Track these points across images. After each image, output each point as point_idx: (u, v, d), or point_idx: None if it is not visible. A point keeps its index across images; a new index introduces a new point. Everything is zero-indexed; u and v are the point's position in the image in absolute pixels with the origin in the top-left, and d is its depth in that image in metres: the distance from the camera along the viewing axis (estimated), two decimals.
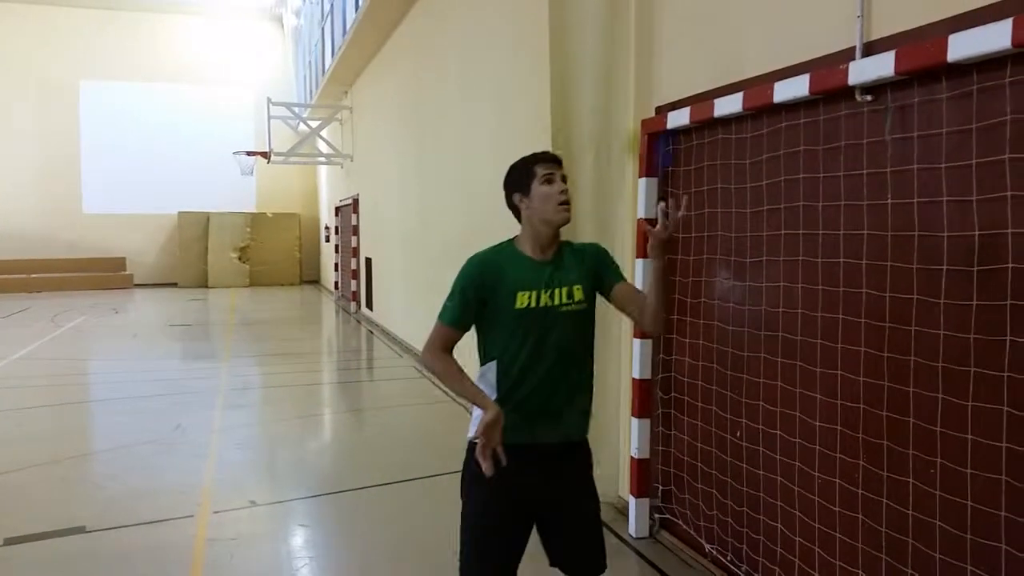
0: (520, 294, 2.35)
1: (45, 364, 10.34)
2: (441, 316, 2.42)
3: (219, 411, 7.60)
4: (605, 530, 4.40)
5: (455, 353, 2.42)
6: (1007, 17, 2.20)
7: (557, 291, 2.38)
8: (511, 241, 2.49)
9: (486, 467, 2.21)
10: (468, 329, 2.44)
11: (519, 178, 2.46)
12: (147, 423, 7.07)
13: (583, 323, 2.45)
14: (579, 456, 2.52)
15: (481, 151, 7.48)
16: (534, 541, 2.51)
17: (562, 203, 2.40)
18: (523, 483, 2.38)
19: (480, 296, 2.38)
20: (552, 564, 2.53)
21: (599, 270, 2.50)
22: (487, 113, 7.45)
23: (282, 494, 5.32)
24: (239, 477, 5.66)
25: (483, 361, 2.43)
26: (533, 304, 2.35)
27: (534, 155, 2.47)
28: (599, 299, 2.53)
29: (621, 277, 2.53)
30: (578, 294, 2.41)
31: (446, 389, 2.47)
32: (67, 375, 9.83)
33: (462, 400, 2.39)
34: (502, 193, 2.52)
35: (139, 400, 8.09)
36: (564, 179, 2.44)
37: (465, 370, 2.38)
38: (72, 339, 12.84)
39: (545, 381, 2.37)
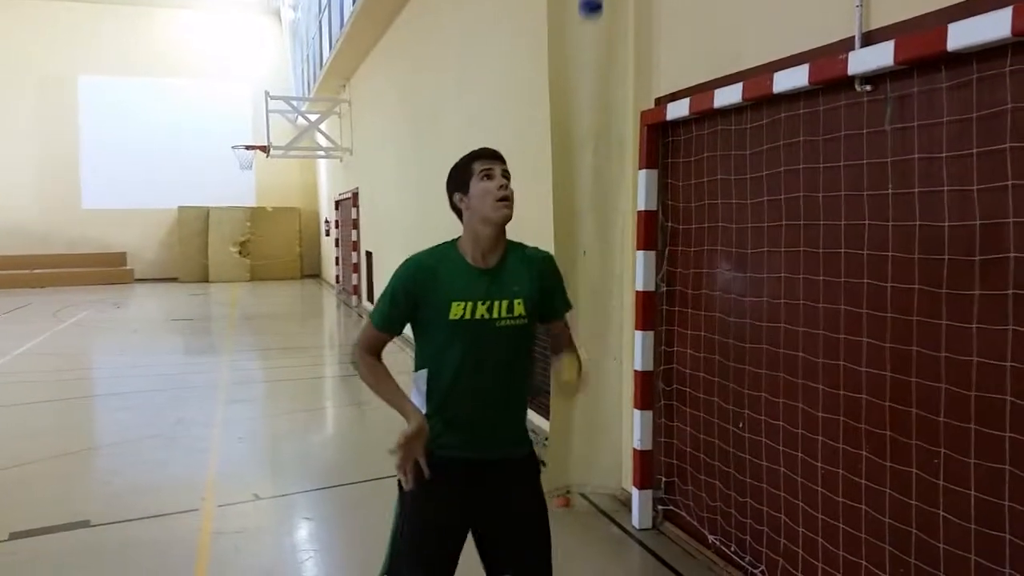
0: (455, 304, 2.21)
1: (47, 359, 10.35)
2: (371, 316, 2.34)
3: (221, 405, 7.62)
4: (608, 521, 4.47)
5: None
6: (1007, 5, 2.19)
7: (496, 304, 2.24)
8: (453, 243, 2.34)
9: (406, 482, 2.14)
10: (398, 333, 2.34)
11: (458, 176, 2.33)
12: (149, 418, 7.09)
13: (522, 338, 2.30)
14: (522, 470, 2.38)
15: (481, 142, 7.43)
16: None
17: (501, 199, 2.24)
18: (459, 498, 2.27)
19: (411, 301, 2.26)
20: None
21: (548, 294, 2.37)
22: (485, 105, 7.43)
23: (285, 487, 5.33)
24: (242, 471, 5.68)
25: (416, 367, 2.32)
26: (468, 316, 2.21)
27: (472, 152, 2.34)
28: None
29: (567, 309, 2.46)
30: (519, 308, 2.26)
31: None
32: (69, 370, 9.85)
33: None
34: None
35: (141, 395, 8.10)
36: (506, 175, 2.29)
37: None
38: (74, 334, 12.86)
39: (479, 396, 2.25)
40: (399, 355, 2.36)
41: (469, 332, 2.22)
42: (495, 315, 2.23)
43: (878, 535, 2.87)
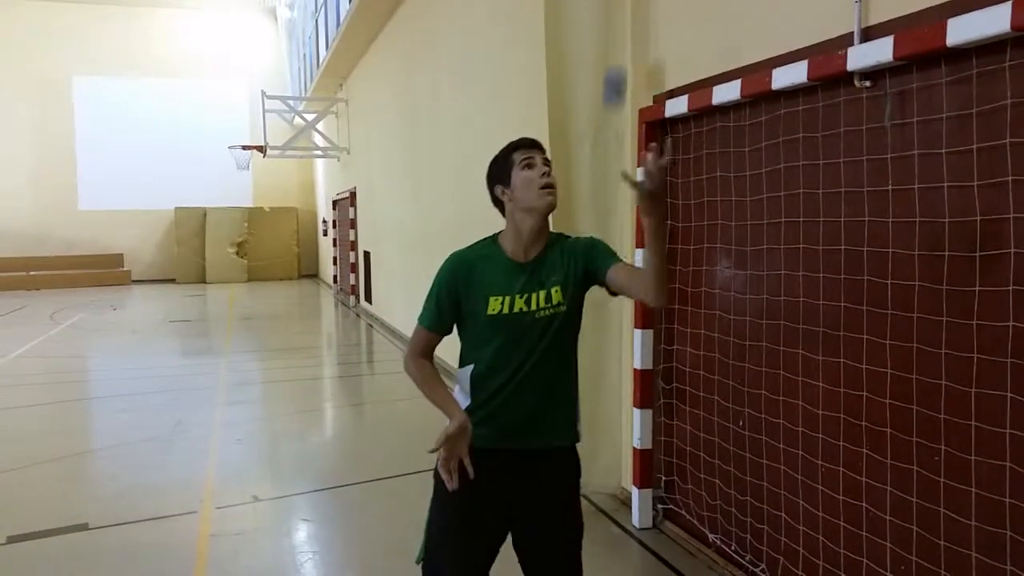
0: (492, 299, 2.21)
1: (44, 362, 10.33)
2: (419, 319, 2.33)
3: (219, 407, 7.60)
4: (608, 520, 4.46)
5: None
6: (1006, 0, 2.18)
7: (534, 295, 2.22)
8: (494, 237, 2.33)
9: (449, 482, 2.11)
10: (447, 331, 2.33)
11: (499, 170, 2.31)
12: (148, 420, 7.07)
13: (563, 326, 2.26)
14: (565, 464, 2.36)
15: (477, 141, 7.45)
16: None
17: (544, 187, 2.23)
18: (498, 487, 2.25)
19: (453, 299, 2.26)
20: None
21: (588, 262, 2.28)
22: (483, 102, 7.41)
23: (284, 489, 5.31)
24: (241, 472, 5.66)
25: (460, 364, 2.33)
26: (506, 310, 2.20)
27: (511, 143, 2.32)
28: (595, 298, 2.38)
29: (613, 260, 2.27)
30: (556, 296, 2.23)
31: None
32: (66, 372, 9.82)
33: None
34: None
35: (139, 397, 8.08)
36: (547, 162, 2.29)
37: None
38: (71, 336, 12.83)
39: (521, 389, 2.23)
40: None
41: (508, 326, 2.21)
42: (534, 306, 2.21)
43: (879, 533, 2.86)
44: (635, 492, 4.36)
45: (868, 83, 2.81)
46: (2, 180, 22.27)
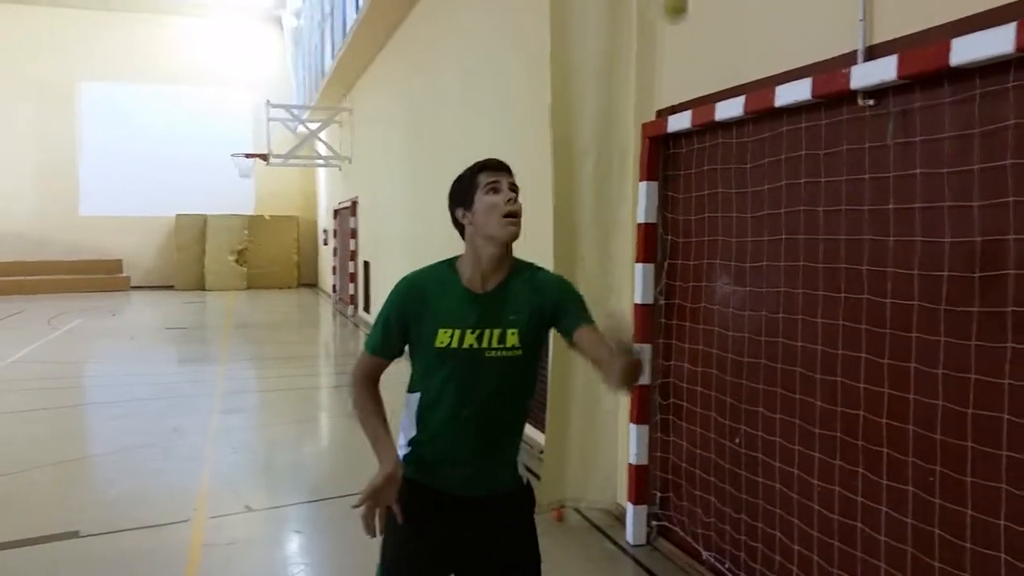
0: (441, 331, 2.05)
1: (41, 367, 10.29)
2: (365, 343, 2.19)
3: (215, 415, 7.57)
4: (602, 536, 4.42)
5: None
6: (1010, 21, 2.19)
7: (487, 333, 2.05)
8: (452, 262, 2.16)
9: (367, 531, 1.99)
10: (395, 357, 2.18)
11: (462, 190, 2.14)
12: (143, 426, 7.04)
13: (516, 371, 2.10)
14: (512, 508, 2.20)
15: (480, 154, 7.43)
16: None
17: (508, 215, 2.04)
18: (442, 533, 2.12)
19: (403, 325, 2.11)
20: None
21: (555, 315, 2.12)
22: (487, 116, 7.43)
23: (278, 499, 5.28)
24: (235, 481, 5.63)
25: (408, 389, 2.18)
26: (455, 344, 2.04)
27: (477, 163, 2.15)
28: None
29: (582, 321, 2.10)
30: (511, 338, 2.06)
31: None
32: (63, 378, 9.79)
33: None
34: None
35: (135, 403, 8.05)
36: (514, 188, 2.09)
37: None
38: (68, 342, 12.80)
39: (465, 429, 2.08)
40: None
41: (456, 362, 2.06)
42: (484, 345, 2.05)
43: (873, 553, 2.83)
44: (630, 508, 4.33)
45: (871, 102, 2.81)
46: (5, 184, 22.29)
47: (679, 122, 3.86)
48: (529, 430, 6.11)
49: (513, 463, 2.20)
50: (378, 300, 14.01)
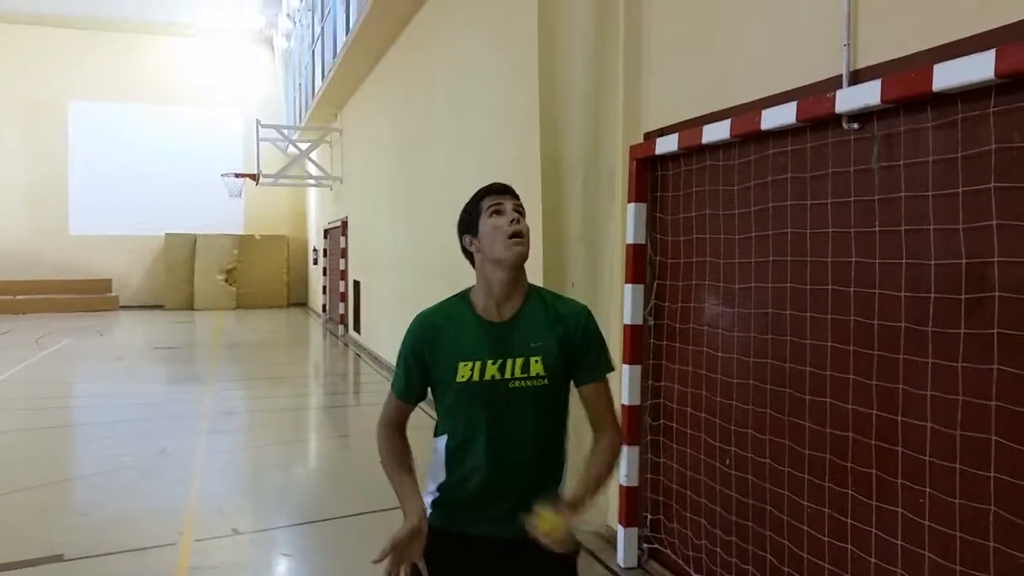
0: (462, 365, 1.96)
1: (27, 387, 10.21)
2: (392, 385, 2.13)
3: (203, 436, 7.51)
4: (593, 560, 4.40)
5: None
6: (990, 48, 2.22)
7: (509, 362, 1.97)
8: (465, 294, 2.09)
9: None
10: (420, 399, 2.11)
11: (468, 218, 2.08)
12: (130, 448, 6.98)
13: (546, 401, 2.00)
14: (551, 552, 1.94)
15: (471, 175, 7.49)
16: None
17: (513, 236, 1.98)
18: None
19: (421, 364, 2.04)
20: None
21: (577, 355, 2.03)
22: (477, 137, 7.47)
23: (265, 522, 5.24)
24: (222, 504, 5.57)
25: (435, 432, 2.10)
26: (476, 378, 1.96)
27: (481, 188, 2.10)
28: None
29: (596, 376, 2.04)
30: (536, 367, 1.96)
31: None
32: (50, 398, 9.70)
33: None
34: None
35: (122, 424, 7.98)
36: (518, 209, 2.03)
37: None
38: (56, 362, 12.70)
39: (496, 468, 1.97)
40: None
41: (480, 396, 1.97)
42: (508, 375, 1.96)
43: (864, 575, 2.83)
44: (620, 530, 4.31)
45: (856, 125, 2.84)
46: None
47: (666, 144, 3.89)
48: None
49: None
50: (369, 319, 13.98)
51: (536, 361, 1.98)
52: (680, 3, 4.01)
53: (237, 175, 18.97)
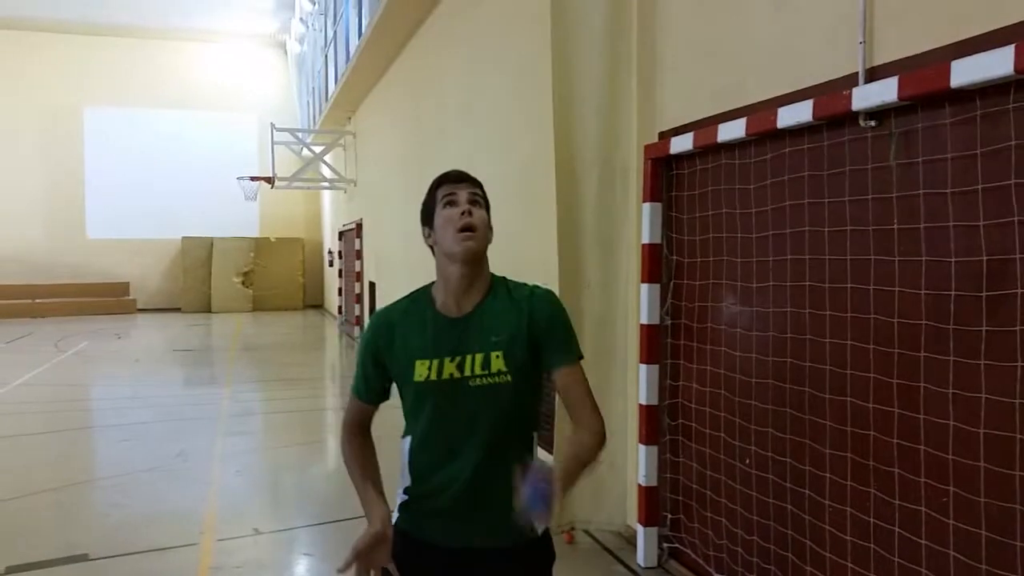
0: (419, 363, 1.86)
1: (48, 390, 10.32)
2: (352, 386, 2.03)
3: (221, 437, 7.57)
4: (613, 559, 4.40)
5: None
6: (1009, 44, 2.21)
7: (468, 359, 1.85)
8: (427, 289, 1.99)
9: None
10: (381, 399, 2.01)
11: (425, 209, 1.99)
12: (150, 449, 7.05)
13: (510, 400, 1.86)
14: (524, 563, 1.93)
15: (483, 176, 7.48)
16: None
17: (463, 228, 1.86)
18: None
19: (378, 363, 1.94)
20: None
21: (543, 343, 1.88)
22: (490, 137, 7.48)
23: (286, 522, 5.27)
24: (242, 504, 5.62)
25: (402, 434, 2.00)
26: (434, 376, 1.85)
27: (438, 176, 2.01)
28: None
29: (567, 360, 1.89)
30: (497, 363, 1.84)
31: None
32: (70, 401, 9.81)
33: None
34: (505, 218, 2.26)
35: (141, 426, 8.06)
36: (475, 199, 1.92)
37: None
38: (75, 364, 12.83)
39: (458, 471, 1.86)
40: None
41: (439, 395, 1.86)
42: (467, 373, 1.84)
43: (887, 574, 2.82)
44: (640, 530, 4.31)
45: (873, 123, 2.83)
46: (12, 208, 22.43)
47: (681, 144, 3.88)
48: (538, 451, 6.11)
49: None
50: None
51: (497, 356, 1.85)
52: (694, 1, 4.00)
53: (252, 178, 19.10)
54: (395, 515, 1.94)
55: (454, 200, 1.91)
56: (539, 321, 1.89)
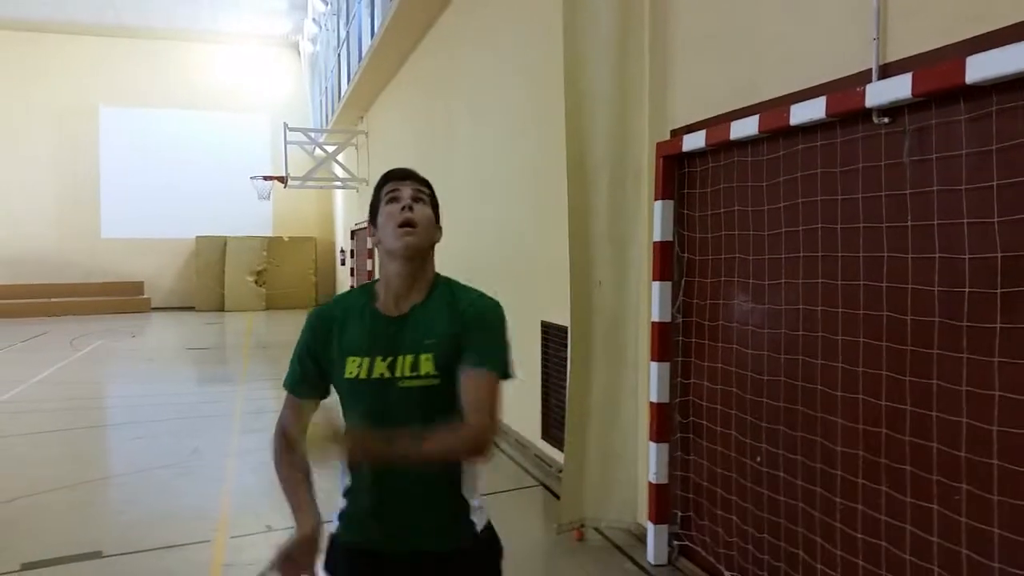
0: (350, 360, 1.84)
1: (63, 388, 10.40)
2: (284, 380, 1.99)
3: (235, 435, 7.61)
4: (623, 557, 4.41)
5: None
6: (1023, 39, 2.19)
7: (400, 359, 1.81)
8: (371, 285, 1.95)
9: None
10: (318, 396, 1.96)
11: (371, 206, 1.94)
12: (164, 447, 7.09)
13: (436, 403, 1.81)
14: (464, 569, 1.90)
15: (494, 175, 7.51)
16: None
17: (402, 224, 1.83)
18: None
19: (313, 356, 1.93)
20: None
21: (462, 339, 1.82)
22: (501, 137, 7.48)
23: None
24: (256, 502, 5.64)
25: None
26: (364, 375, 1.82)
27: (384, 174, 1.96)
28: None
29: (479, 363, 1.81)
30: (426, 365, 1.80)
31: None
32: (84, 399, 9.88)
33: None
34: (516, 219, 2.17)
35: (156, 424, 8.11)
36: (418, 196, 1.89)
37: None
38: (90, 363, 12.93)
39: (382, 475, 1.83)
40: None
41: (369, 394, 1.83)
42: (397, 373, 1.81)
43: (898, 573, 2.80)
44: (650, 528, 4.31)
45: (886, 119, 2.82)
46: (27, 207, 22.62)
47: (694, 141, 3.88)
48: (548, 449, 6.11)
49: (456, 513, 1.89)
50: None
51: (427, 359, 1.81)
52: None
53: (266, 178, 19.19)
54: (335, 524, 1.93)
55: (397, 196, 1.89)
56: (469, 323, 1.85)
